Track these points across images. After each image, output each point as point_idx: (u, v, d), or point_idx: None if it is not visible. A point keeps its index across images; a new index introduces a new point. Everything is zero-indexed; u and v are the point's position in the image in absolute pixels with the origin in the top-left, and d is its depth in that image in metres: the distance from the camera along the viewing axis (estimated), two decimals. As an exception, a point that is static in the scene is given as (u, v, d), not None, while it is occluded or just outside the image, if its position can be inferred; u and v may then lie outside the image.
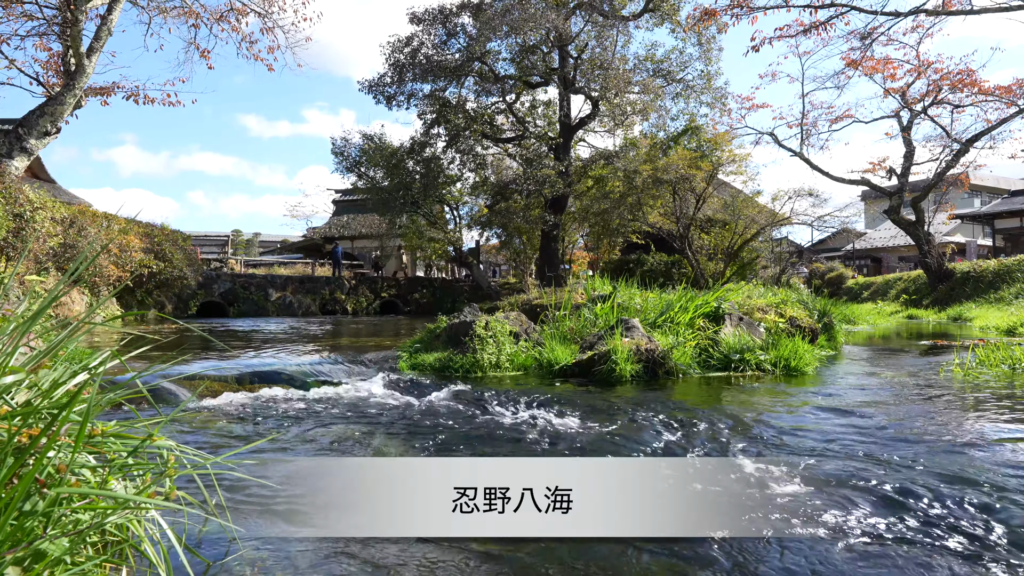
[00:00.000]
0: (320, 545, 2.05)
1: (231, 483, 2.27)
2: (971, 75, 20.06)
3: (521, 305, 7.46)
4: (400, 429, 3.42)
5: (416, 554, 2.15)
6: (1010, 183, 42.98)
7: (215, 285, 20.30)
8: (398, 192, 23.62)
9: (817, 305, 8.47)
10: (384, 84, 23.95)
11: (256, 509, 2.19)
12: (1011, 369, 5.81)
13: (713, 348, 5.82)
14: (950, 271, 21.97)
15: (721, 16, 12.12)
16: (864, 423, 3.57)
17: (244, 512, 2.14)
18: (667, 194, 22.05)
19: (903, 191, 22.33)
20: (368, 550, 2.21)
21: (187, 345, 8.22)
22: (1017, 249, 32.16)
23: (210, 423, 3.48)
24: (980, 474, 2.53)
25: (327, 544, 2.07)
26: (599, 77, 22.82)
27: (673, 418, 3.64)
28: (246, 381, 4.71)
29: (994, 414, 3.81)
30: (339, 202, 37.11)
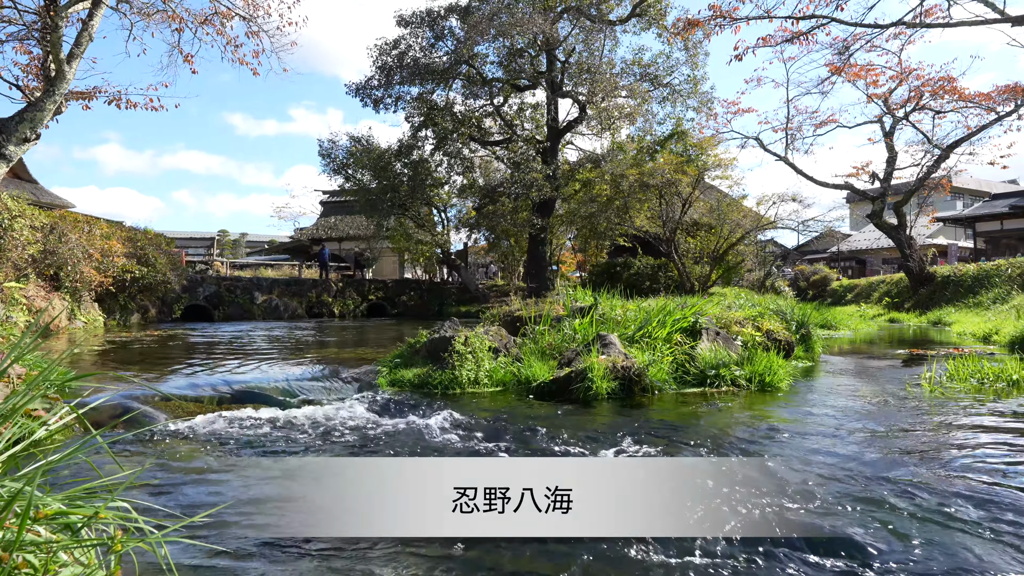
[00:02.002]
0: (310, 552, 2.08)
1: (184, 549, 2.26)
2: (951, 82, 20.33)
3: (503, 317, 7.51)
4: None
5: (415, 554, 2.19)
6: (992, 186, 43.58)
7: (200, 289, 20.19)
8: (386, 194, 23.58)
9: (796, 315, 8.58)
10: (372, 87, 23.93)
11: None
12: (980, 383, 5.93)
13: (690, 363, 5.90)
14: (931, 275, 22.26)
15: (705, 25, 12.22)
16: (816, 451, 3.65)
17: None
18: (654, 198, 22.17)
19: (885, 195, 22.59)
20: (365, 550, 2.25)
21: (169, 354, 8.20)
22: (997, 252, 32.62)
23: (181, 456, 3.50)
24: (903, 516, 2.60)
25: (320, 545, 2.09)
26: (586, 81, 22.93)
27: (639, 443, 3.70)
28: (224, 401, 4.72)
29: (946, 444, 3.90)
30: (327, 203, 36.98)
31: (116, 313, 14.90)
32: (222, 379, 5.46)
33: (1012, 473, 3.11)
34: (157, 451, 3.46)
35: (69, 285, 12.48)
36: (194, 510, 2.47)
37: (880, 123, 22.50)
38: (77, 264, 12.39)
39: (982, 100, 20.09)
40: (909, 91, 21.11)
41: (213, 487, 2.82)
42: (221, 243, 58.30)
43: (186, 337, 11.51)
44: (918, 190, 22.49)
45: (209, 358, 7.48)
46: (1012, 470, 3.16)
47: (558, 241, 30.86)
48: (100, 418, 3.99)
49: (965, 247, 36.48)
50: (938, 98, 20.93)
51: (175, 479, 2.93)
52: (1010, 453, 3.48)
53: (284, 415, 4.50)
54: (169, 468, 3.12)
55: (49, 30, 10.44)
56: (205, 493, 2.72)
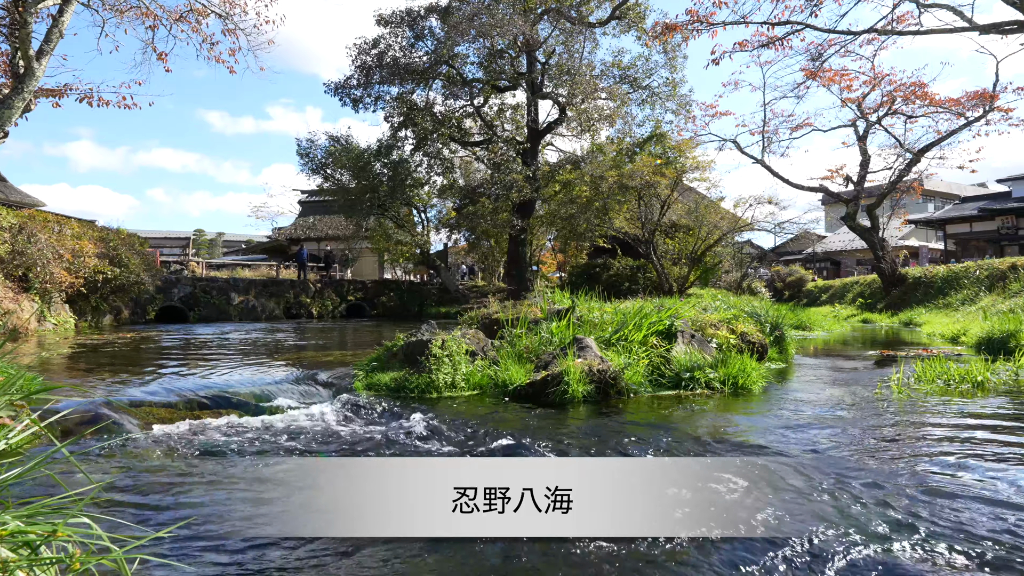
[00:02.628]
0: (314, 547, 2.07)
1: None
2: (922, 87, 20.77)
3: (480, 320, 7.52)
4: (288, 492, 3.45)
5: (416, 555, 2.19)
6: (962, 189, 44.61)
7: (175, 289, 19.90)
8: (365, 194, 23.45)
9: (770, 317, 8.71)
10: (351, 86, 23.78)
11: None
12: (946, 385, 6.08)
13: (665, 366, 5.96)
14: (902, 276, 22.71)
15: (682, 29, 12.33)
16: (776, 457, 3.72)
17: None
18: (633, 199, 22.34)
19: (859, 198, 23.01)
20: (365, 551, 2.25)
21: (141, 357, 8.08)
22: (967, 253, 33.41)
23: (152, 466, 3.45)
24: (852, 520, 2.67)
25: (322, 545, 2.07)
26: (566, 82, 23.02)
27: (609, 448, 3.74)
28: (195, 407, 4.67)
29: (910, 449, 3.99)
30: (305, 203, 36.65)
31: (88, 315, 14.63)
32: (195, 384, 5.39)
33: (966, 471, 3.20)
34: (127, 460, 3.42)
35: (39, 286, 12.22)
36: (161, 523, 2.44)
37: (854, 127, 22.92)
38: (47, 265, 12.15)
39: (952, 105, 20.56)
40: (882, 96, 21.53)
41: (183, 498, 2.79)
42: (197, 243, 57.47)
43: (159, 339, 11.34)
44: (890, 193, 22.95)
45: (183, 362, 7.39)
46: (969, 469, 3.25)
47: (538, 242, 30.94)
48: (69, 426, 3.93)
49: (936, 249, 37.29)
50: (910, 103, 21.37)
51: (144, 490, 2.89)
52: (968, 453, 3.58)
53: (258, 421, 4.46)
54: (138, 478, 3.08)
55: (18, 26, 10.22)
56: (174, 504, 2.69)
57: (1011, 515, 2.58)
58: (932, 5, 11.79)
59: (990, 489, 2.93)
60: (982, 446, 3.76)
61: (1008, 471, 3.23)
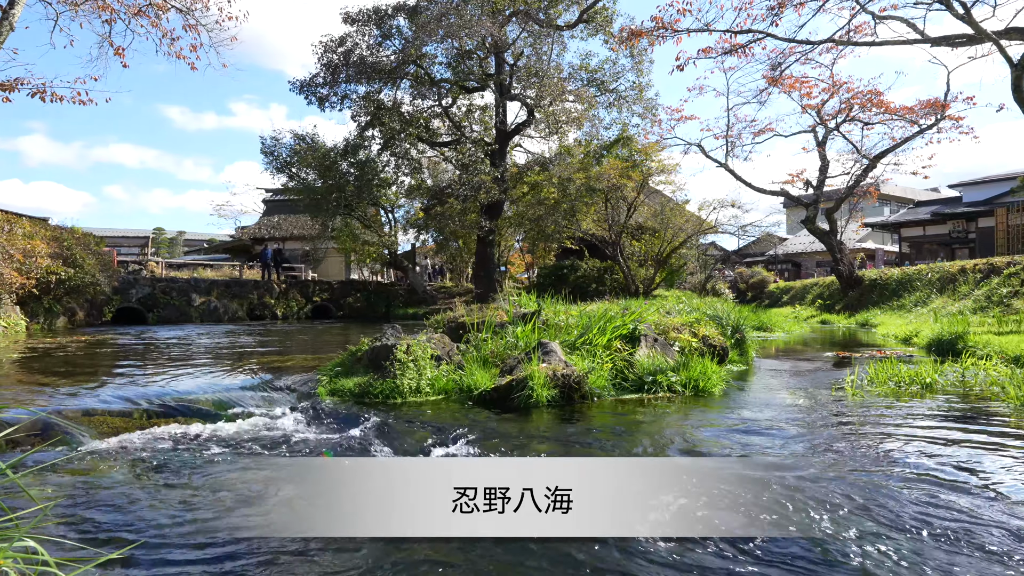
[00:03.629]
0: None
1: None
2: (878, 95, 21.44)
3: (446, 324, 7.51)
4: (282, 492, 3.42)
5: (417, 554, 2.19)
6: (916, 194, 46.13)
7: (133, 290, 19.35)
8: (331, 194, 23.16)
9: (731, 320, 8.89)
10: (317, 84, 23.46)
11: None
12: (897, 387, 6.30)
13: (628, 370, 6.05)
14: (859, 278, 23.40)
15: (648, 35, 12.51)
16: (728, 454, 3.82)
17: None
18: (600, 202, 22.57)
19: (818, 202, 23.63)
20: (365, 550, 2.24)
21: (96, 362, 7.85)
22: (920, 256, 34.59)
23: (104, 479, 3.37)
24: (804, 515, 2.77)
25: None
26: (535, 84, 23.10)
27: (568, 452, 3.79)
28: (153, 416, 4.57)
29: (860, 447, 4.14)
30: (269, 202, 36.03)
31: (40, 317, 14.14)
32: (153, 391, 5.27)
33: (907, 468, 3.33)
34: (80, 474, 3.32)
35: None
36: (116, 541, 2.39)
37: (814, 133, 23.53)
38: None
39: (906, 113, 21.27)
40: (840, 103, 22.16)
41: (139, 513, 2.73)
42: (156, 242, 56.02)
43: (116, 342, 11.03)
44: (848, 197, 23.62)
45: (140, 367, 7.21)
46: (910, 467, 3.39)
47: (507, 243, 31.00)
48: (16, 436, 3.81)
49: (891, 251, 38.51)
50: (867, 110, 22.04)
51: (98, 506, 2.82)
52: (913, 452, 3.72)
53: (218, 430, 4.39)
54: (92, 493, 3.00)
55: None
56: (129, 521, 2.63)
57: (944, 506, 2.70)
58: (887, 17, 12.19)
59: (929, 490, 3.06)
60: (926, 446, 3.92)
61: (943, 468, 3.38)
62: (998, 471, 3.42)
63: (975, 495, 3.01)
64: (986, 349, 8.69)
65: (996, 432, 4.33)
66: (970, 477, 3.30)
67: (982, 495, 3.01)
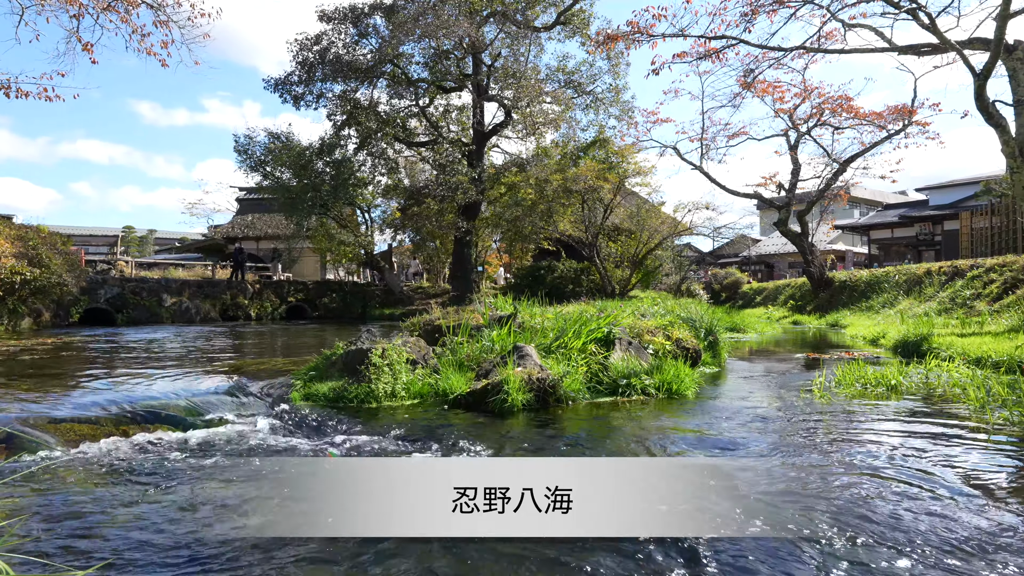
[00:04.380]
0: None
1: None
2: (848, 101, 21.90)
3: (422, 327, 7.50)
4: (277, 494, 3.40)
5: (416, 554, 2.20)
6: (885, 196, 47.19)
7: (101, 290, 18.95)
8: (306, 193, 22.96)
9: (704, 322, 9.02)
10: (292, 82, 23.23)
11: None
12: (863, 388, 6.46)
13: (603, 373, 6.11)
14: (830, 280, 23.87)
15: (624, 39, 12.62)
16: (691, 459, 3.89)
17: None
18: (577, 203, 22.69)
19: (790, 204, 24.04)
20: (366, 550, 2.25)
21: (62, 366, 7.68)
22: (889, 257, 35.41)
23: (72, 491, 3.32)
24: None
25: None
26: (512, 85, 23.16)
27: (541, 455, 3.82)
28: (123, 422, 4.49)
29: (826, 446, 4.25)
30: (243, 200, 35.54)
31: (4, 318, 13.78)
32: (122, 396, 5.18)
33: (869, 468, 3.43)
34: (46, 485, 3.26)
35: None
36: (85, 556, 2.36)
37: (786, 137, 23.94)
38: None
39: (875, 119, 21.76)
40: (812, 108, 22.57)
41: (106, 527, 2.69)
42: (126, 240, 54.85)
43: (83, 345, 10.80)
44: (819, 200, 24.09)
45: (108, 371, 7.07)
46: (872, 468, 3.49)
47: (484, 243, 30.99)
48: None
49: (861, 253, 39.35)
50: (837, 115, 22.49)
51: (65, 518, 2.77)
52: (875, 453, 3.83)
53: (189, 437, 4.34)
54: (59, 505, 2.94)
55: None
56: (97, 535, 2.59)
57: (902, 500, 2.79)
58: (856, 25, 12.46)
59: (891, 495, 3.16)
60: (886, 448, 4.03)
61: (904, 467, 3.49)
62: (946, 470, 3.53)
63: (919, 491, 3.11)
64: (949, 351, 8.94)
65: (953, 434, 4.47)
66: (920, 475, 3.41)
67: (928, 493, 3.11)
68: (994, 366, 7.72)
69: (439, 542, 2.40)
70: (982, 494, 3.15)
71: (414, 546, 2.39)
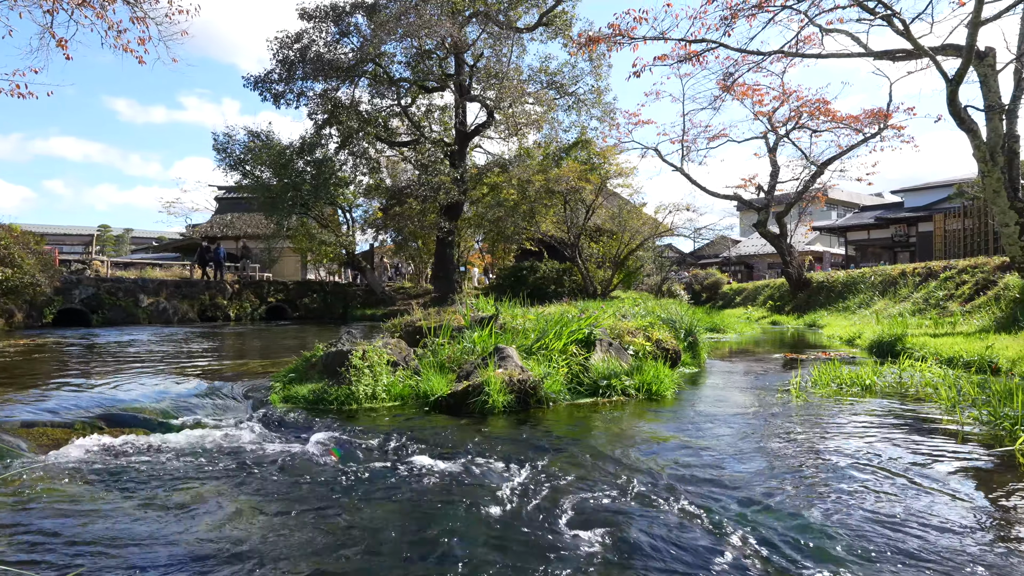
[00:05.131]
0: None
1: None
2: (826, 104, 22.24)
3: (403, 328, 7.48)
4: (255, 499, 3.38)
5: None
6: (861, 198, 47.97)
7: (76, 291, 18.59)
8: (287, 193, 22.73)
9: (684, 323, 9.10)
10: (272, 81, 23.00)
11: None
12: (839, 388, 6.57)
13: (584, 374, 6.14)
14: (808, 280, 24.21)
15: (605, 42, 12.69)
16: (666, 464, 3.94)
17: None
18: (559, 204, 22.75)
19: (769, 206, 24.35)
20: None
21: (35, 368, 7.54)
22: (865, 258, 36.00)
23: (45, 498, 3.26)
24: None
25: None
26: (494, 86, 23.15)
27: (522, 459, 3.84)
28: (97, 426, 4.42)
29: (800, 446, 4.32)
30: (222, 199, 35.11)
31: (-26, 319, 13.48)
32: (97, 399, 5.10)
33: (839, 469, 3.50)
34: (17, 491, 3.20)
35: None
36: (56, 566, 2.32)
37: (765, 139, 24.24)
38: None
39: (852, 122, 22.12)
40: (790, 111, 22.89)
41: (79, 534, 2.65)
42: (102, 239, 53.96)
43: (57, 346, 10.61)
44: (798, 202, 24.44)
45: (83, 373, 6.95)
46: (842, 467, 3.56)
47: (466, 243, 30.95)
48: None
49: (838, 254, 39.95)
50: (815, 119, 22.83)
51: (35, 527, 2.72)
52: (847, 452, 3.91)
53: (166, 441, 4.28)
54: (29, 512, 2.89)
55: None
56: (71, 542, 2.55)
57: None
58: (833, 30, 12.66)
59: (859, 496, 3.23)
60: (858, 445, 4.11)
61: (872, 468, 3.56)
62: (916, 471, 3.61)
63: (886, 493, 3.18)
64: (922, 351, 9.13)
65: (923, 436, 4.57)
66: (884, 474, 3.48)
67: (891, 493, 3.18)
68: (965, 366, 7.91)
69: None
70: (949, 498, 3.23)
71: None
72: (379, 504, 3.04)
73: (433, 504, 3.03)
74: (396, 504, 3.04)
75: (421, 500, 3.09)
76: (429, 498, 3.12)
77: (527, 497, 3.11)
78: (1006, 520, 2.88)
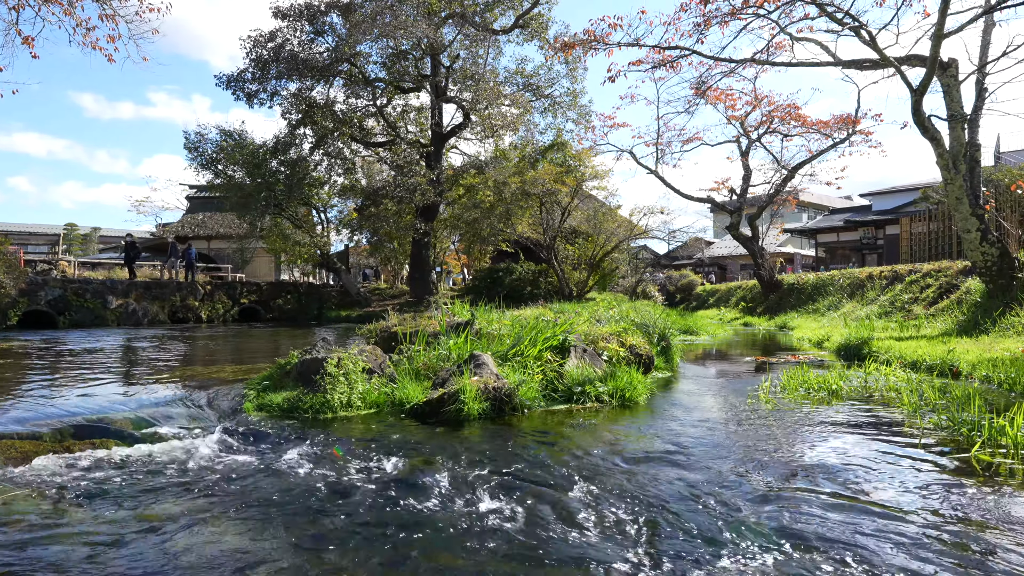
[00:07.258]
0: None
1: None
2: (796, 109, 22.72)
3: (378, 334, 7.47)
4: (225, 512, 3.37)
5: None
6: (831, 201, 48.99)
7: (41, 292, 18.15)
8: (260, 192, 22.49)
9: (658, 327, 9.24)
10: (245, 79, 22.71)
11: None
12: (807, 392, 6.74)
13: (558, 381, 6.21)
14: (779, 282, 24.68)
15: (581, 47, 12.80)
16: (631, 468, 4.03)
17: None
18: (535, 206, 22.85)
19: (742, 209, 24.78)
20: None
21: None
22: (835, 260, 36.78)
23: (12, 516, 3.22)
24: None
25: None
26: (470, 87, 23.17)
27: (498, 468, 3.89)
28: (65, 437, 4.35)
29: (763, 461, 4.44)
30: (194, 198, 34.56)
31: (-66, 323, 13.08)
32: (65, 408, 5.01)
33: (807, 471, 3.62)
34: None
35: None
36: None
37: (738, 143, 24.66)
38: None
39: (821, 127, 22.63)
40: (762, 116, 23.34)
41: (47, 555, 2.63)
42: (68, 239, 52.69)
43: (21, 351, 10.36)
44: (769, 204, 24.91)
45: (49, 379, 6.81)
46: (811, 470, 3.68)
47: (442, 245, 30.89)
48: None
49: (808, 255, 40.74)
50: (786, 123, 23.31)
51: (1, 546, 2.69)
52: (812, 454, 4.03)
53: (136, 451, 4.24)
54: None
55: None
56: (34, 565, 2.53)
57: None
58: (803, 39, 12.95)
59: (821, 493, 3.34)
60: (821, 450, 4.24)
61: (835, 476, 3.69)
62: (874, 478, 3.74)
63: (847, 503, 3.30)
64: (888, 354, 9.40)
65: (884, 443, 4.72)
66: (850, 485, 3.60)
67: (849, 497, 3.30)
68: (928, 369, 8.16)
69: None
70: (901, 507, 3.35)
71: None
72: (351, 516, 3.06)
73: (408, 513, 3.06)
74: (372, 513, 3.06)
75: (393, 509, 3.12)
76: (400, 508, 3.15)
77: (499, 501, 3.16)
78: (954, 520, 3.00)
